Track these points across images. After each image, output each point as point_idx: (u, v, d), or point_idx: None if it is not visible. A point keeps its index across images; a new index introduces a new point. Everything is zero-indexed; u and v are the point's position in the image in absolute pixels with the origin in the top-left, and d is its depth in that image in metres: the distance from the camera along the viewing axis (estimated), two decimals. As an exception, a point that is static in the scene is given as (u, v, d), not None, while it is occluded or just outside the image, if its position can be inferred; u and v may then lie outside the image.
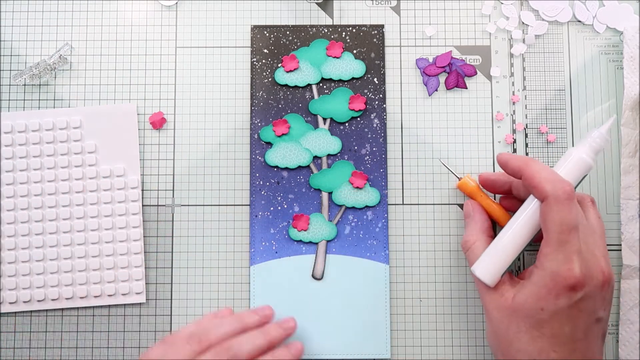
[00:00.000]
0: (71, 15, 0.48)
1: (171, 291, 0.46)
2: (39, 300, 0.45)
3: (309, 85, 0.47)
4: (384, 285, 0.45)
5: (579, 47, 0.48)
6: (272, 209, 0.46)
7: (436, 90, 0.48)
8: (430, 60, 0.48)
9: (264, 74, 0.47)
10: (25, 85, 0.47)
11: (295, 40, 0.47)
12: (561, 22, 0.48)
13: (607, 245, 0.44)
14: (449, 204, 0.47)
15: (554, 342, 0.36)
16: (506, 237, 0.39)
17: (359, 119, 0.47)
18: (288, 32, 0.47)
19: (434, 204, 0.47)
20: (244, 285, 0.46)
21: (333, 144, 0.46)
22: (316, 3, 0.49)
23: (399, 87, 0.48)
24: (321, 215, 0.46)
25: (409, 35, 0.48)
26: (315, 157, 0.46)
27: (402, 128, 0.47)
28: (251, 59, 0.47)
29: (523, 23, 0.48)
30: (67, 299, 0.45)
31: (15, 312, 0.46)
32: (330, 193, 0.46)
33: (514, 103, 0.48)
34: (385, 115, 0.47)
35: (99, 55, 0.48)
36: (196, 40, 0.48)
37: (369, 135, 0.46)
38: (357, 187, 0.46)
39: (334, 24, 0.48)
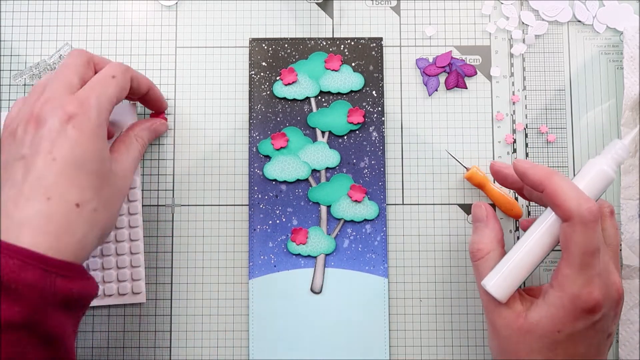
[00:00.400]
0: (71, 15, 0.48)
1: (171, 291, 0.46)
2: (39, 300, 0.45)
3: (308, 98, 0.47)
4: (383, 299, 0.45)
5: (579, 47, 0.48)
6: (270, 222, 0.46)
7: (436, 90, 0.48)
8: (430, 60, 0.48)
9: (262, 87, 0.47)
10: (25, 85, 0.47)
11: (294, 53, 0.47)
12: (561, 22, 0.48)
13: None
14: (449, 204, 0.47)
15: None
16: (522, 252, 0.37)
17: (357, 132, 0.46)
18: (286, 45, 0.47)
19: (434, 204, 0.47)
20: (243, 285, 0.46)
21: (332, 157, 0.46)
22: (316, 3, 0.49)
23: (399, 87, 0.48)
24: (320, 229, 0.45)
25: (409, 35, 0.48)
26: (314, 171, 0.46)
27: (402, 128, 0.47)
28: (249, 72, 0.47)
29: (523, 23, 0.48)
30: (67, 299, 0.45)
31: (15, 312, 0.46)
32: (329, 206, 0.46)
33: (514, 103, 0.48)
34: (384, 128, 0.47)
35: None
36: (196, 40, 0.48)
37: (368, 149, 0.46)
38: (356, 201, 0.45)
39: (333, 36, 0.48)
